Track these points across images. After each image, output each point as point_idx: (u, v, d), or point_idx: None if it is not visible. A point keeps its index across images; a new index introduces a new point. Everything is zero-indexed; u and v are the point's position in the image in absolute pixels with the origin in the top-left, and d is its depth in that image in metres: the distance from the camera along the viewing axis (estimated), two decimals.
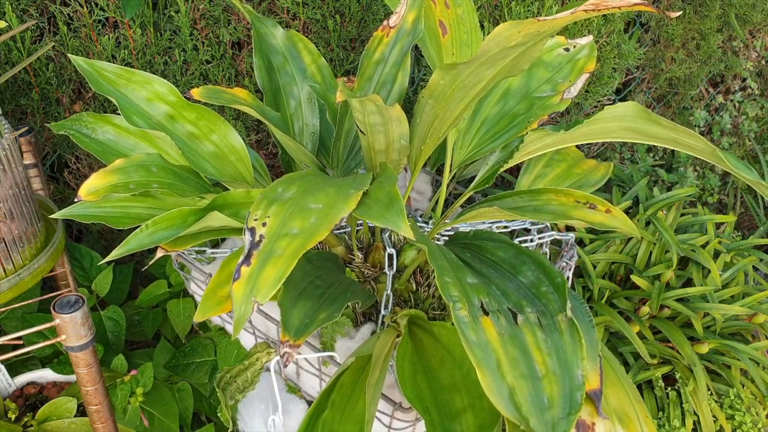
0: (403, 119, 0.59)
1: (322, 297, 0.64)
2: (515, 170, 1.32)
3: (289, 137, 0.76)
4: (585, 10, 0.46)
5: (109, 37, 1.09)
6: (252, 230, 0.53)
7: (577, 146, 0.93)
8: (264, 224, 0.54)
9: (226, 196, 0.70)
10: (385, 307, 0.79)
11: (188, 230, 0.67)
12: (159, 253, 0.69)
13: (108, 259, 0.69)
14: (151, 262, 0.74)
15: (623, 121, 0.75)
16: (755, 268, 1.41)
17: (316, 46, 0.89)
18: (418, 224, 0.93)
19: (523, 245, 0.91)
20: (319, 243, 0.73)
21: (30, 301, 1.03)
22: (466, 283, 0.57)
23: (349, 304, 0.83)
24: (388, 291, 0.78)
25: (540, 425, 0.49)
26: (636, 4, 0.47)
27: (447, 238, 0.81)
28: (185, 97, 0.78)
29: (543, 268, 0.62)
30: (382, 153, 0.65)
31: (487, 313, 0.54)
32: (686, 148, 0.70)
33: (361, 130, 0.63)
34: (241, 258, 0.51)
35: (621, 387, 0.67)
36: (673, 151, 1.63)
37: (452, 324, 0.68)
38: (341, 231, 0.90)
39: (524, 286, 0.61)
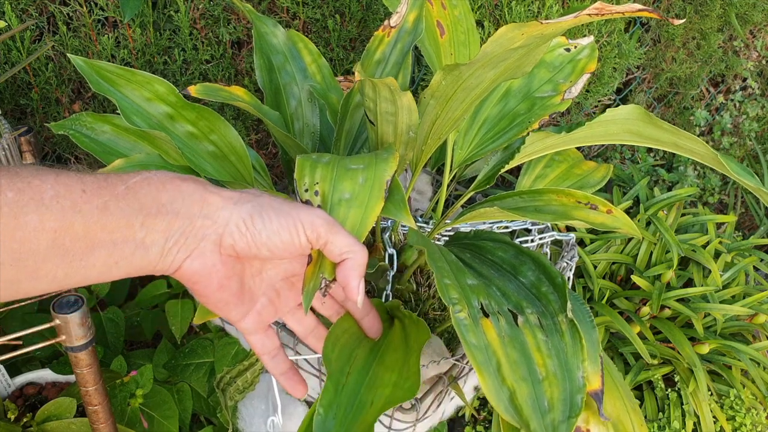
0: (414, 109, 0.58)
1: None
2: (516, 171, 1.32)
3: (288, 136, 0.75)
4: (589, 14, 0.46)
5: (108, 37, 1.09)
6: (308, 203, 0.52)
7: (578, 147, 0.93)
8: (316, 193, 0.53)
9: None
10: None
11: None
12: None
13: None
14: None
15: (624, 124, 0.74)
16: (756, 269, 1.41)
17: (316, 46, 0.89)
18: (418, 224, 0.92)
19: (524, 245, 0.91)
20: None
21: (30, 301, 1.03)
22: (466, 284, 0.57)
23: None
24: (388, 291, 0.77)
25: (540, 428, 0.48)
26: (639, 11, 0.47)
27: (447, 239, 0.81)
28: (183, 94, 0.78)
29: (543, 268, 0.62)
30: (389, 146, 0.64)
31: (487, 315, 0.54)
32: (687, 153, 0.70)
33: (370, 121, 0.62)
34: None
35: (617, 393, 0.67)
36: None
37: (415, 315, 0.66)
38: None
39: (525, 286, 0.61)
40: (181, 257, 0.45)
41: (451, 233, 0.89)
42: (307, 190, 0.53)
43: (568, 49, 0.82)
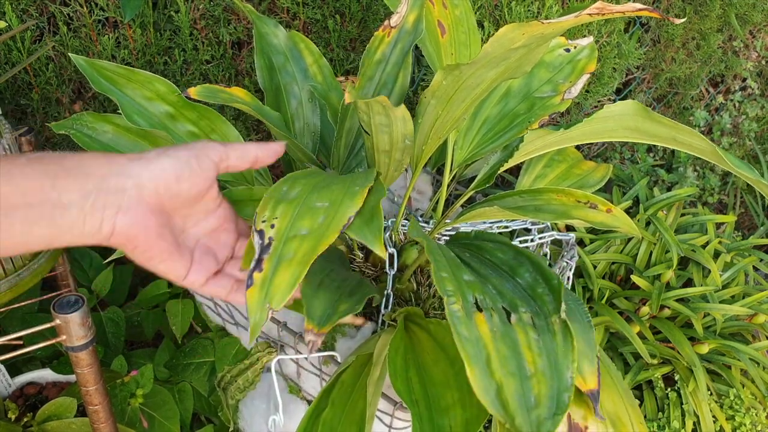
0: (408, 119, 0.59)
1: (339, 290, 0.65)
2: (516, 170, 1.32)
3: (288, 137, 0.76)
4: (589, 14, 0.46)
5: (109, 37, 1.09)
6: (261, 233, 0.53)
7: (578, 147, 0.93)
8: (272, 226, 0.54)
9: (228, 194, 0.70)
10: (386, 307, 0.79)
11: None
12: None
13: (109, 260, 0.69)
14: None
15: (623, 120, 0.75)
16: (755, 268, 1.41)
17: (317, 46, 0.89)
18: (419, 224, 0.92)
19: (524, 246, 0.91)
20: None
21: (30, 302, 1.03)
22: (462, 279, 0.57)
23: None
24: (389, 290, 0.78)
25: (525, 424, 0.48)
26: (640, 10, 0.47)
27: (447, 238, 0.81)
28: (183, 95, 0.78)
29: (540, 270, 0.62)
30: (385, 153, 0.65)
31: (480, 310, 0.54)
32: (686, 147, 0.70)
33: (365, 131, 0.63)
34: (253, 263, 0.51)
35: (616, 391, 0.67)
36: (673, 151, 1.63)
37: (447, 322, 0.68)
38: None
39: (521, 287, 0.61)
40: (110, 215, 0.46)
41: (452, 233, 0.89)
42: (264, 221, 0.54)
43: (567, 50, 0.83)
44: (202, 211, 0.54)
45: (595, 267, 1.28)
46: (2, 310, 0.90)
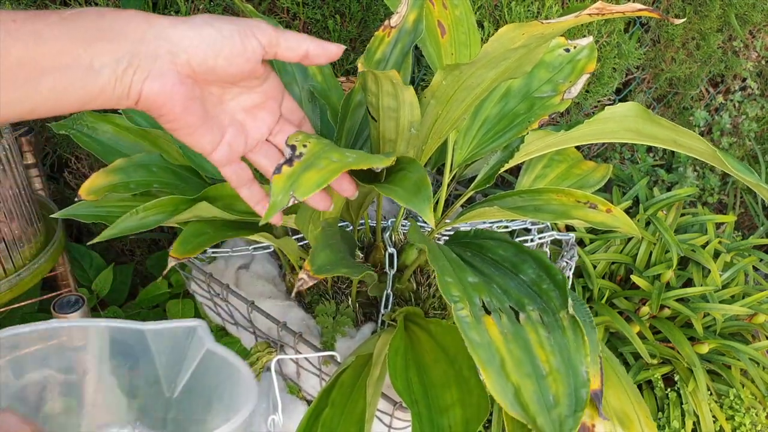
0: (416, 105, 0.58)
1: (343, 258, 0.66)
2: (515, 171, 1.32)
3: None
4: (589, 14, 0.46)
5: None
6: (293, 147, 0.51)
7: (578, 147, 0.93)
8: (305, 146, 0.52)
9: (218, 188, 0.71)
10: (385, 306, 0.79)
11: (178, 218, 0.68)
12: (171, 263, 0.68)
13: (96, 240, 0.68)
14: (164, 272, 0.73)
15: (624, 122, 0.75)
16: (755, 268, 1.41)
17: None
18: (419, 224, 0.93)
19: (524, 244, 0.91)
20: None
21: (30, 301, 1.03)
22: (467, 282, 0.57)
23: (349, 303, 0.83)
24: (388, 290, 0.78)
25: (547, 424, 0.48)
26: (640, 10, 0.47)
27: (447, 238, 0.81)
28: None
29: (543, 265, 0.62)
30: (391, 143, 0.64)
31: (488, 313, 0.54)
32: (686, 150, 0.70)
33: (372, 117, 0.63)
34: (281, 161, 0.50)
35: (621, 388, 0.67)
36: (673, 151, 1.63)
37: (447, 322, 0.68)
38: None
39: (525, 284, 0.61)
40: (138, 79, 0.44)
41: (451, 233, 0.90)
42: (297, 141, 0.52)
43: (567, 50, 0.83)
44: (243, 87, 0.52)
45: (595, 267, 1.28)
46: (2, 310, 0.90)
